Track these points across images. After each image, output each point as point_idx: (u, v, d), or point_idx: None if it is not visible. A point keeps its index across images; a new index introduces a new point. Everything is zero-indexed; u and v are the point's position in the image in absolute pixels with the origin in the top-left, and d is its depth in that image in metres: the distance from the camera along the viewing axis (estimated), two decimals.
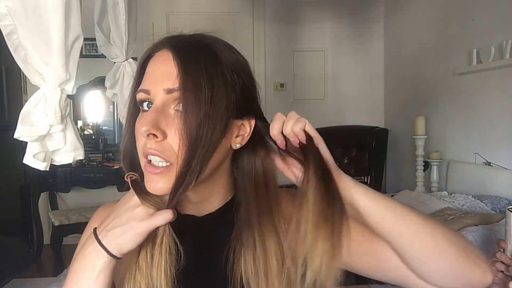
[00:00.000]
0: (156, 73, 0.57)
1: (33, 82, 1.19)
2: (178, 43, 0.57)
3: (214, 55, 0.57)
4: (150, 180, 0.55)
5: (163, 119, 0.54)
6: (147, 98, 0.57)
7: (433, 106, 3.04)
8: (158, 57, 0.58)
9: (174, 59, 0.55)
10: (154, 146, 0.54)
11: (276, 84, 3.88)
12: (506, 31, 2.28)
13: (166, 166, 0.55)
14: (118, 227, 0.55)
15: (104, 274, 0.55)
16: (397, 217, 0.57)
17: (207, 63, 0.55)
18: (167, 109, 0.55)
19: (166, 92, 0.55)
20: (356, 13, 3.91)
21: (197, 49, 0.56)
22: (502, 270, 1.01)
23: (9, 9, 1.08)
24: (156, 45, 0.59)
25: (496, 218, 1.74)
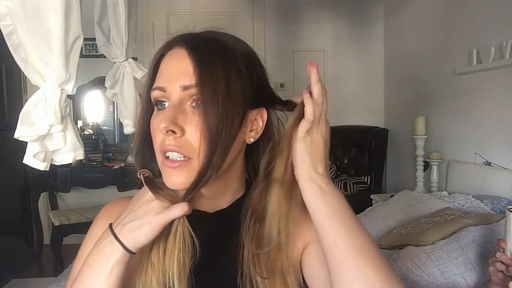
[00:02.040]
0: (171, 70, 0.57)
1: (33, 82, 1.19)
2: (191, 40, 0.58)
3: (228, 49, 0.58)
4: (169, 175, 0.56)
5: (181, 116, 0.55)
6: (162, 96, 0.57)
7: (433, 106, 3.04)
8: (172, 55, 0.58)
9: (189, 56, 0.56)
10: (173, 143, 0.55)
11: (276, 84, 3.88)
12: (506, 31, 2.28)
13: (184, 160, 0.56)
14: (134, 221, 0.55)
15: (118, 268, 0.55)
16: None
17: (222, 58, 0.56)
18: (184, 105, 0.56)
19: (183, 89, 0.55)
20: (356, 13, 3.91)
21: (211, 45, 0.57)
22: (502, 270, 1.01)
23: (9, 9, 1.08)
24: (169, 43, 0.59)
25: (496, 218, 1.74)
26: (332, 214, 0.56)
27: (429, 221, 1.83)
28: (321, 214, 0.56)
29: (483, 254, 1.52)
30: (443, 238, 1.64)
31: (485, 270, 1.42)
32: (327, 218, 0.56)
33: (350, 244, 0.54)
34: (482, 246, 1.55)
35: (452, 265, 1.53)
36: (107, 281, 0.55)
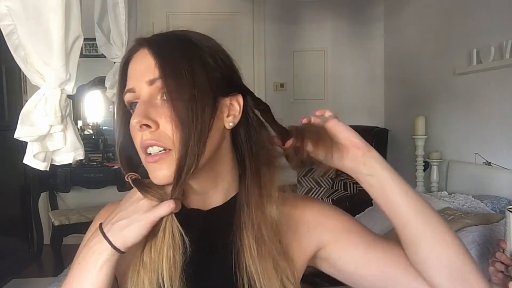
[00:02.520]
0: (137, 70, 0.58)
1: (33, 82, 1.19)
2: (153, 39, 0.60)
3: (190, 41, 0.59)
4: (153, 170, 0.57)
5: (153, 110, 0.56)
6: (134, 98, 0.59)
7: (433, 106, 3.04)
8: (136, 57, 0.60)
9: (151, 52, 0.57)
10: (150, 136, 0.56)
11: (276, 84, 3.88)
12: (506, 31, 2.28)
13: (164, 152, 0.56)
14: (123, 220, 0.56)
15: (107, 267, 0.55)
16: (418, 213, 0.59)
17: (184, 50, 0.58)
18: (154, 100, 0.57)
19: (149, 83, 0.56)
20: (356, 13, 3.91)
21: (173, 40, 0.59)
22: (502, 270, 1.01)
23: (9, 9, 1.09)
24: (133, 47, 0.61)
25: (496, 218, 1.74)
26: (404, 194, 0.60)
27: None
28: (394, 195, 0.60)
29: (483, 254, 1.52)
30: None
31: (485, 270, 1.42)
32: (401, 199, 0.60)
33: (423, 221, 0.59)
34: (482, 246, 1.55)
35: None
36: (96, 280, 0.55)
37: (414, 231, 0.58)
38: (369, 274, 0.61)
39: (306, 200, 0.68)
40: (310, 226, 0.65)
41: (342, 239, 0.64)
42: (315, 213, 0.66)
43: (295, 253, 0.64)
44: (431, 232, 0.58)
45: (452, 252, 0.57)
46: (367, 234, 0.64)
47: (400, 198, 0.60)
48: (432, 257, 0.57)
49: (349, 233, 0.64)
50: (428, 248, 0.57)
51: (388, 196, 0.60)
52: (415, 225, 0.58)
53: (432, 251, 0.57)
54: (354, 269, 0.62)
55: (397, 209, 0.60)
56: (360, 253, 0.62)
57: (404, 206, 0.59)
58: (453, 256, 0.57)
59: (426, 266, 0.58)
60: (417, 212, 0.59)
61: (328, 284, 1.55)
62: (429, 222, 0.59)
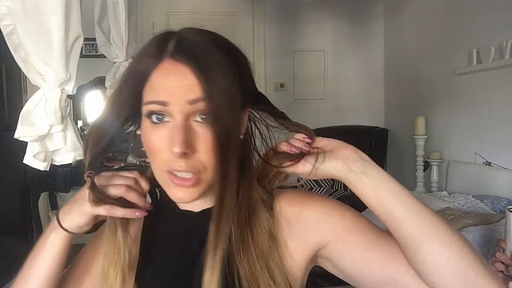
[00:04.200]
0: (174, 87, 0.53)
1: (33, 82, 1.19)
2: (191, 52, 0.54)
3: (229, 55, 0.56)
4: (178, 191, 0.56)
5: (190, 134, 0.53)
6: (163, 111, 0.54)
7: (433, 106, 3.04)
8: (168, 69, 0.54)
9: (193, 71, 0.53)
10: (185, 166, 0.54)
11: (276, 84, 3.88)
12: (506, 31, 2.28)
13: (194, 175, 0.55)
14: (69, 204, 0.62)
15: (57, 243, 0.61)
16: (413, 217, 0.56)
17: (225, 67, 0.54)
18: (189, 121, 0.54)
19: (190, 103, 0.53)
20: (356, 13, 3.91)
21: (213, 54, 0.54)
22: (502, 270, 1.01)
23: (9, 9, 1.09)
24: (157, 55, 0.54)
25: (496, 218, 1.74)
26: (392, 197, 0.56)
27: None
28: (380, 198, 0.57)
29: (483, 254, 1.52)
30: None
31: None
32: (390, 201, 0.56)
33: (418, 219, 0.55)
34: (482, 246, 1.55)
35: None
36: (46, 253, 0.61)
37: (410, 231, 0.55)
38: (370, 275, 0.58)
39: (306, 197, 0.65)
40: (309, 224, 0.62)
41: (343, 238, 0.60)
42: (315, 211, 0.63)
43: (292, 252, 0.62)
44: (427, 231, 0.54)
45: (452, 253, 0.53)
46: (370, 232, 0.61)
47: (393, 196, 0.56)
48: (429, 259, 0.53)
49: (350, 231, 0.61)
50: (425, 249, 0.54)
51: (381, 194, 0.56)
52: (410, 224, 0.55)
53: (429, 253, 0.54)
54: (355, 270, 0.60)
55: (391, 207, 0.56)
56: (361, 253, 0.59)
57: (398, 204, 0.56)
58: (453, 257, 0.53)
59: (424, 268, 0.54)
60: (411, 210, 0.55)
61: (328, 284, 1.55)
62: (425, 221, 0.55)
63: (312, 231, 0.62)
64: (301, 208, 0.63)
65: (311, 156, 0.58)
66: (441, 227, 0.55)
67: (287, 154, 0.59)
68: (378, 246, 0.59)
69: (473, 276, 0.52)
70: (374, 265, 0.58)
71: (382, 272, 0.58)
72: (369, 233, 0.60)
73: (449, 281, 0.53)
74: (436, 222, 0.55)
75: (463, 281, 0.52)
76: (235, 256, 0.58)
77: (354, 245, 0.60)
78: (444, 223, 0.56)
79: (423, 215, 0.55)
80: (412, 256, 0.55)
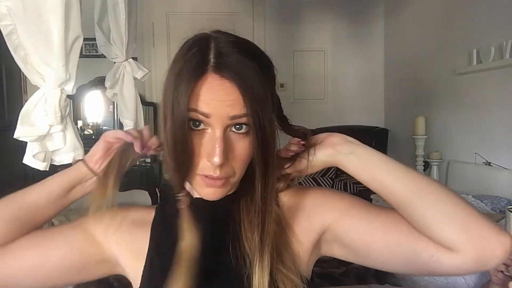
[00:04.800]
0: (215, 101, 0.56)
1: (33, 82, 1.19)
2: (233, 68, 0.56)
3: (260, 65, 0.58)
4: (208, 190, 0.60)
5: (227, 145, 0.57)
6: (202, 120, 0.57)
7: (433, 106, 3.04)
8: (211, 83, 0.56)
9: (237, 87, 0.55)
10: (220, 174, 0.58)
11: (276, 84, 3.88)
12: (506, 31, 2.28)
13: (224, 179, 0.59)
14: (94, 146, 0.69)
15: (73, 173, 0.68)
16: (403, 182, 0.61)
17: (265, 82, 0.58)
18: (226, 132, 0.57)
19: (231, 118, 0.56)
20: (356, 13, 3.91)
21: (248, 67, 0.57)
22: (502, 270, 1.01)
23: (9, 9, 1.09)
24: (201, 68, 0.56)
25: (496, 218, 1.74)
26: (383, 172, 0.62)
27: None
28: (374, 175, 0.62)
29: None
30: None
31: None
32: (382, 177, 0.61)
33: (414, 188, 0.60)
34: None
35: None
36: (60, 181, 0.69)
37: (404, 195, 0.59)
38: (375, 243, 0.61)
39: (306, 188, 0.70)
40: (310, 209, 0.67)
41: (344, 214, 0.64)
42: (314, 197, 0.68)
43: (298, 236, 0.66)
44: (420, 192, 0.59)
45: (448, 207, 0.57)
46: (369, 207, 0.65)
47: (382, 167, 0.61)
48: (428, 215, 0.57)
49: (350, 208, 0.65)
50: (421, 207, 0.58)
51: (371, 169, 0.62)
52: (402, 189, 0.60)
53: (426, 209, 0.58)
54: (360, 242, 0.63)
55: (382, 178, 0.61)
56: (363, 224, 0.63)
57: (388, 174, 0.61)
58: (450, 210, 0.57)
59: (425, 224, 0.58)
60: (401, 177, 0.60)
61: (328, 284, 1.55)
62: (416, 183, 0.60)
63: (315, 214, 0.66)
64: (302, 197, 0.68)
65: (304, 152, 0.65)
66: (431, 185, 0.60)
67: (286, 158, 0.66)
68: (378, 215, 0.63)
69: (471, 221, 0.56)
70: (377, 233, 0.61)
71: (385, 237, 0.61)
72: (368, 207, 0.65)
73: (451, 230, 0.56)
74: (426, 182, 0.60)
75: (463, 227, 0.56)
76: (245, 242, 0.63)
77: (356, 218, 0.63)
78: (434, 182, 0.61)
79: (413, 179, 0.60)
80: (411, 217, 0.59)
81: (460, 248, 0.56)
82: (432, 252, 0.57)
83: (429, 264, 0.58)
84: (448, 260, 0.57)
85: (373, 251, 0.62)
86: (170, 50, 3.71)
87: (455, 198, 0.59)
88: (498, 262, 0.56)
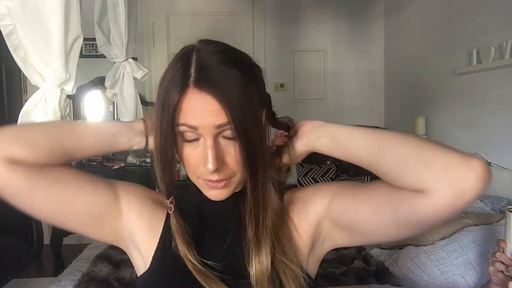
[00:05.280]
0: (199, 112, 0.59)
1: (33, 82, 1.19)
2: (212, 81, 0.59)
3: (242, 72, 0.60)
4: (214, 192, 0.64)
5: (219, 151, 0.61)
6: (192, 131, 0.61)
7: (433, 106, 3.04)
8: (193, 97, 0.59)
9: (217, 99, 0.58)
10: (218, 177, 0.62)
11: (276, 84, 3.88)
12: (506, 31, 2.28)
13: (226, 180, 0.63)
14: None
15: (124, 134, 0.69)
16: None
17: (242, 87, 0.59)
18: (217, 139, 0.61)
19: (217, 127, 0.59)
20: (356, 13, 3.91)
21: (228, 76, 0.59)
22: (502, 270, 1.01)
23: (9, 9, 1.09)
24: (183, 83, 0.59)
25: (496, 218, 1.74)
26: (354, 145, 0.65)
27: None
28: (347, 152, 0.65)
29: (483, 254, 1.52)
30: (443, 238, 1.64)
31: (485, 270, 1.42)
32: (354, 151, 0.64)
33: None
34: (482, 246, 1.55)
35: (452, 265, 1.53)
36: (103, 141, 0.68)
37: (372, 153, 0.62)
38: (363, 214, 0.63)
39: (302, 187, 0.77)
40: (306, 200, 0.71)
41: (334, 197, 0.68)
42: (308, 189, 0.74)
43: (297, 227, 0.70)
44: (384, 147, 0.62)
45: (409, 152, 0.59)
46: (355, 185, 0.68)
47: (348, 140, 0.65)
48: (394, 165, 0.59)
49: (338, 191, 0.69)
50: (387, 161, 0.60)
51: (340, 145, 0.65)
52: (370, 149, 0.62)
53: (392, 160, 0.60)
54: (351, 219, 0.65)
55: (350, 147, 0.64)
56: (351, 201, 0.66)
57: (354, 141, 0.64)
58: (412, 154, 0.59)
59: (394, 175, 0.59)
60: (366, 140, 0.63)
61: (328, 284, 1.55)
62: (379, 139, 0.63)
63: (309, 204, 0.71)
64: (299, 192, 0.74)
65: (285, 147, 0.70)
66: (393, 137, 0.63)
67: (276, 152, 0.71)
68: (362, 189, 0.66)
69: (434, 157, 0.57)
70: (362, 205, 0.64)
71: (369, 206, 0.63)
72: (354, 186, 0.68)
73: (416, 172, 0.57)
74: (387, 136, 0.63)
75: (427, 165, 0.56)
76: (248, 233, 0.67)
77: (344, 199, 0.67)
78: (396, 133, 0.64)
79: (376, 138, 0.64)
80: (383, 173, 0.61)
81: (431, 187, 0.55)
82: (408, 202, 0.57)
83: (410, 215, 0.57)
84: (425, 204, 0.55)
85: (364, 223, 0.64)
86: (170, 50, 3.71)
87: (415, 141, 0.61)
88: (476, 188, 0.53)
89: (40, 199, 0.63)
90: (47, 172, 0.62)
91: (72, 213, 0.66)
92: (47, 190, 0.63)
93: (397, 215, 0.59)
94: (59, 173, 0.64)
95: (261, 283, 0.63)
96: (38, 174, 0.61)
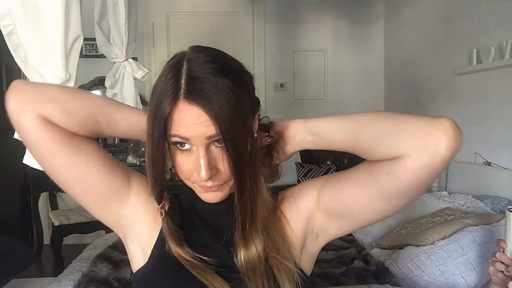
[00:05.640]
0: (190, 124, 0.60)
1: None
2: (201, 93, 0.59)
3: (232, 81, 0.61)
4: (209, 195, 0.66)
5: (212, 159, 0.63)
6: (184, 142, 0.62)
7: (433, 106, 3.04)
8: (184, 109, 0.60)
9: (206, 111, 0.59)
10: (213, 183, 0.64)
11: (276, 84, 3.89)
12: (506, 31, 2.28)
13: (222, 184, 0.65)
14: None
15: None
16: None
17: (232, 97, 0.60)
18: (209, 148, 0.62)
19: (208, 138, 0.61)
20: (356, 13, 3.91)
21: (217, 87, 0.59)
22: (502, 270, 1.01)
23: (9, 9, 1.09)
24: (173, 95, 0.60)
25: (496, 218, 1.74)
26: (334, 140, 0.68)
27: (429, 221, 1.83)
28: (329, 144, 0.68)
29: (483, 254, 1.52)
30: (443, 238, 1.64)
31: (485, 270, 1.42)
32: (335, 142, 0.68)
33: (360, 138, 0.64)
34: (482, 246, 1.55)
35: (452, 265, 1.53)
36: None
37: (350, 135, 0.65)
38: (350, 196, 0.66)
39: (289, 187, 0.79)
40: (294, 196, 0.74)
41: (323, 187, 0.71)
42: (296, 187, 0.76)
43: (290, 222, 0.73)
44: (359, 127, 0.64)
45: (379, 125, 0.62)
46: (341, 173, 0.71)
47: (327, 131, 0.67)
48: (369, 140, 0.62)
49: (326, 180, 0.71)
50: (364, 138, 0.63)
51: (323, 137, 0.68)
52: (348, 133, 0.65)
53: (366, 137, 0.63)
54: (340, 205, 0.68)
55: (331, 136, 0.67)
56: (337, 185, 0.69)
57: (333, 129, 0.67)
58: (383, 126, 0.61)
59: (371, 150, 0.62)
60: (343, 124, 0.66)
61: (328, 284, 1.55)
62: (353, 121, 0.66)
63: (300, 198, 0.74)
64: (289, 191, 0.77)
65: (274, 150, 0.73)
66: (365, 115, 0.65)
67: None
68: (346, 174, 0.69)
69: (403, 124, 0.60)
70: (347, 187, 0.67)
71: (353, 186, 0.66)
72: (340, 173, 0.71)
73: (390, 141, 0.60)
74: (361, 115, 0.66)
75: (397, 132, 0.60)
76: (238, 231, 0.69)
77: (330, 187, 0.70)
78: (366, 112, 0.66)
79: (349, 121, 0.66)
80: (363, 151, 0.64)
81: (405, 151, 0.58)
82: (387, 170, 0.60)
83: (392, 183, 0.60)
84: (403, 168, 0.58)
85: (352, 204, 0.66)
86: (170, 50, 3.71)
87: (387, 114, 0.63)
88: (448, 144, 0.56)
89: (60, 162, 0.66)
90: (76, 141, 0.66)
91: (83, 184, 0.68)
92: (70, 157, 0.66)
93: (380, 187, 0.62)
94: (85, 146, 0.67)
95: (250, 275, 0.66)
96: (67, 140, 0.65)
